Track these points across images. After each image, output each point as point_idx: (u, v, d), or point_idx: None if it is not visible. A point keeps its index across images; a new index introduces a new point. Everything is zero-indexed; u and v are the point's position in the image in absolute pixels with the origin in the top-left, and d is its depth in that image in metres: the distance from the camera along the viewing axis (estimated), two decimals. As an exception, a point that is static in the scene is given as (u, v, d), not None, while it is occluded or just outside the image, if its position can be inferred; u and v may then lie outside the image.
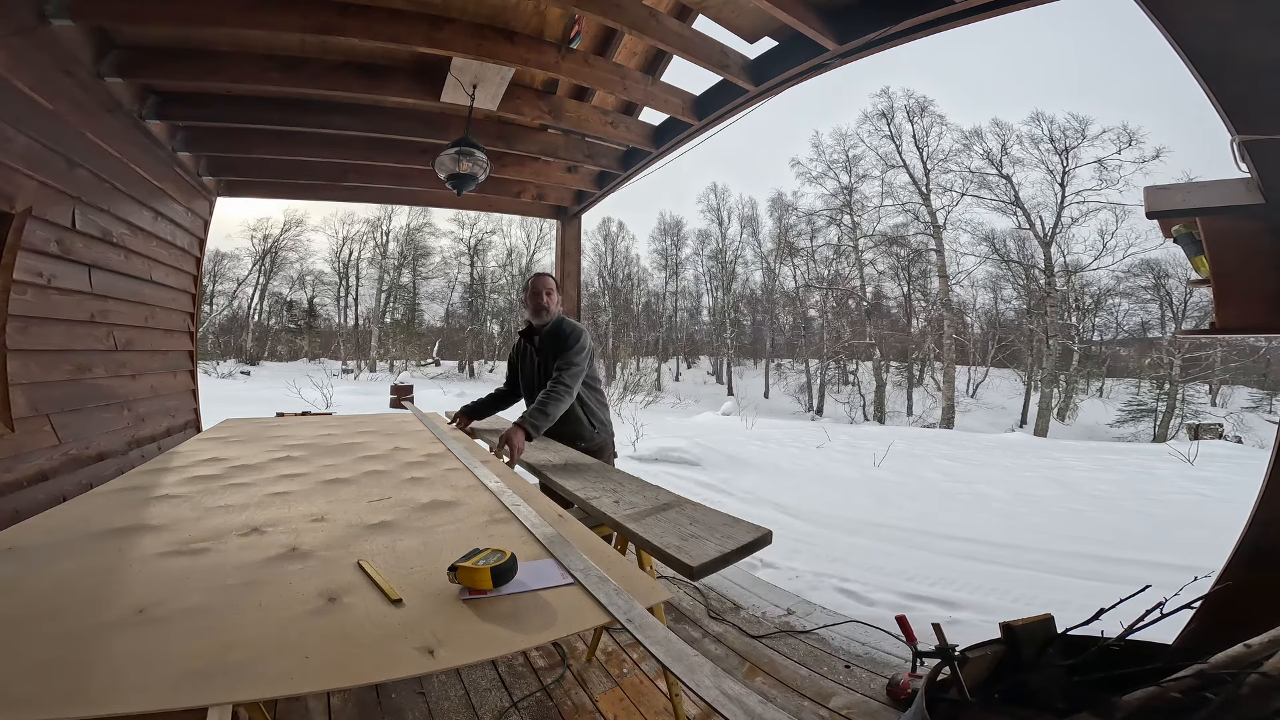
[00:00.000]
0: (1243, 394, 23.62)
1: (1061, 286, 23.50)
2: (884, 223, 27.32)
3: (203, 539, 1.14)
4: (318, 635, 0.80)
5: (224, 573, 0.98)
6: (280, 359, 32.81)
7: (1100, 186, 22.28)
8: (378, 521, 1.27)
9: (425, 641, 0.79)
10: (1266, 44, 1.21)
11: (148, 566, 1.01)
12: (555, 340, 2.46)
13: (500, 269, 35.94)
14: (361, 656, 0.76)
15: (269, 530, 1.20)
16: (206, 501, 1.40)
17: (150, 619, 0.81)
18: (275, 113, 3.05)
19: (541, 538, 1.17)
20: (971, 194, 25.03)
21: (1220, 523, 2.01)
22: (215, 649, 0.75)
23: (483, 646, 0.81)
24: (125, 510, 1.32)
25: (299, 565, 1.03)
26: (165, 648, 0.75)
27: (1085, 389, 25.26)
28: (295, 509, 1.36)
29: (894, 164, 26.59)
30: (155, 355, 3.41)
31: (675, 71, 3.10)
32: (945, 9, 1.98)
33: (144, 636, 0.77)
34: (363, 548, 1.12)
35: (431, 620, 0.84)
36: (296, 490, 1.52)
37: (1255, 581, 1.44)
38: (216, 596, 0.90)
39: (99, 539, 1.13)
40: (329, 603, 0.89)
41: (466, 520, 1.31)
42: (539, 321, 2.54)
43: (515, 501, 1.42)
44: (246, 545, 1.12)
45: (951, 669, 1.20)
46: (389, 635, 0.80)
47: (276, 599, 0.89)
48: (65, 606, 0.85)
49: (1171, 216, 1.64)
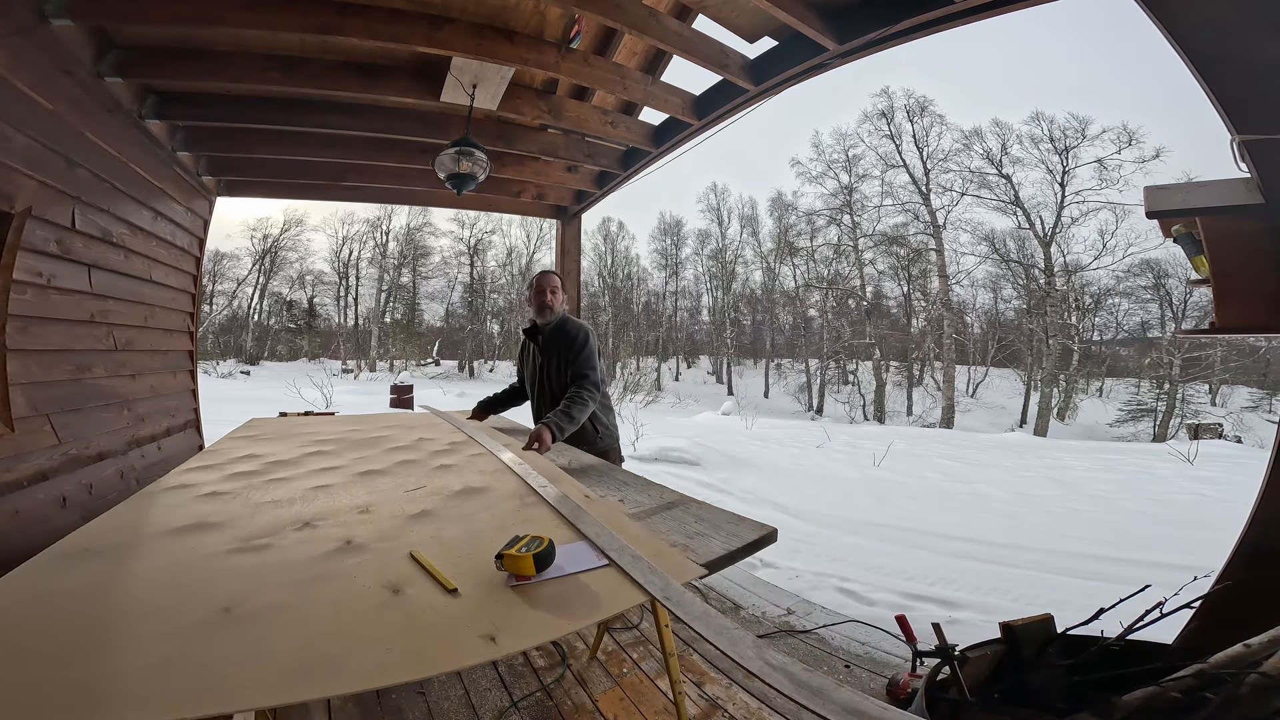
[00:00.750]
0: (1242, 394, 23.61)
1: (1061, 286, 23.49)
2: (884, 222, 27.31)
3: (262, 535, 1.17)
4: (391, 627, 0.83)
5: (291, 568, 1.01)
6: (280, 359, 32.78)
7: (1100, 186, 22.27)
8: (418, 511, 1.32)
9: (486, 629, 0.83)
10: (1266, 44, 1.21)
11: (220, 563, 1.04)
12: (560, 341, 2.43)
13: (500, 269, 35.94)
14: (434, 646, 0.79)
15: (320, 524, 1.24)
16: (254, 497, 1.44)
17: (238, 617, 0.83)
18: (275, 112, 3.05)
19: (572, 519, 1.22)
20: (971, 194, 25.02)
21: (1220, 522, 2.01)
22: (305, 644, 0.77)
23: (538, 631, 0.86)
24: (179, 509, 1.35)
25: (357, 559, 1.06)
26: (261, 645, 0.77)
27: (1085, 389, 25.24)
28: (339, 501, 1.40)
29: (894, 164, 26.57)
30: (155, 355, 3.41)
31: (675, 71, 3.10)
32: (945, 9, 1.98)
33: (239, 634, 0.79)
34: (410, 538, 1.15)
35: (487, 608, 0.88)
36: (336, 483, 1.57)
37: (1255, 581, 1.45)
38: (291, 592, 0.92)
39: (167, 538, 1.16)
40: (393, 595, 0.91)
41: (499, 505, 1.37)
42: (543, 320, 2.50)
43: (542, 483, 1.50)
44: (303, 540, 1.15)
45: (951, 669, 1.20)
46: (453, 624, 0.84)
47: (346, 593, 0.92)
48: (162, 605, 0.87)
49: (1171, 216, 1.64)
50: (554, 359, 2.43)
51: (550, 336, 2.48)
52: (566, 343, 2.40)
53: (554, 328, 2.48)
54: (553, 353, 2.45)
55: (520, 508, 1.35)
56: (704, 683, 1.83)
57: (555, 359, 2.42)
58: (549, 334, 2.48)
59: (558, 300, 2.50)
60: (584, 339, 2.39)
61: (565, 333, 2.43)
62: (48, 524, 2.31)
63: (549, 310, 2.48)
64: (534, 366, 2.56)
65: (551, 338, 2.47)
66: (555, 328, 2.47)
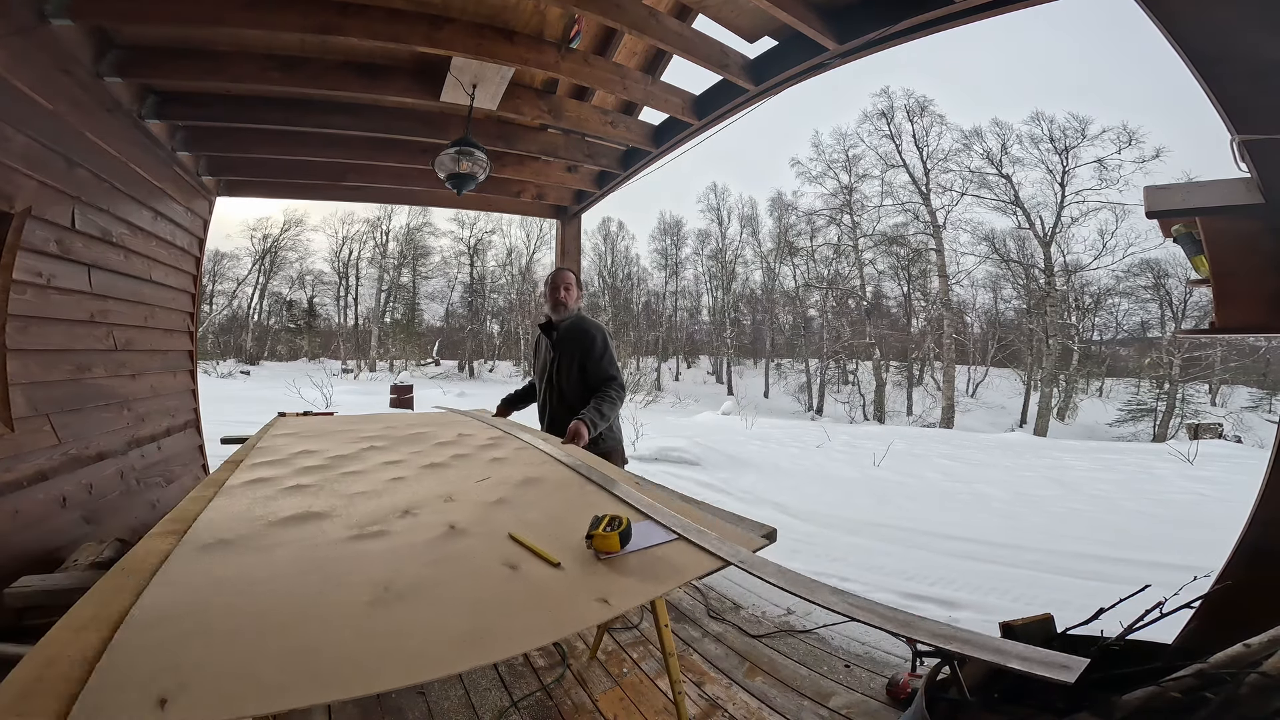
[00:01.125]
0: (1242, 394, 23.60)
1: (1061, 286, 23.49)
2: (884, 222, 27.31)
3: (371, 523, 1.22)
4: (520, 597, 0.92)
5: (416, 551, 1.08)
6: (280, 359, 32.78)
7: (1100, 186, 22.27)
8: (495, 499, 1.40)
9: (596, 594, 0.93)
10: (1266, 44, 1.21)
11: (349, 548, 1.09)
12: (575, 340, 2.44)
13: (500, 269, 35.95)
14: (562, 610, 0.88)
15: (418, 512, 1.30)
16: (340, 488, 1.48)
17: (395, 595, 0.89)
18: (275, 112, 3.04)
19: (633, 503, 1.34)
20: (971, 194, 25.02)
21: (1220, 522, 2.01)
22: (464, 616, 0.85)
23: (639, 592, 0.96)
24: (274, 501, 1.37)
25: (468, 541, 1.14)
26: (428, 618, 0.84)
27: (1085, 389, 25.24)
28: (420, 492, 1.46)
29: (894, 163, 26.56)
30: (155, 355, 3.41)
31: (675, 71, 3.10)
32: (945, 9, 1.98)
33: (406, 610, 0.85)
34: (501, 522, 1.24)
35: (590, 578, 0.99)
36: (407, 475, 1.62)
37: (1255, 581, 1.45)
38: (430, 572, 0.99)
39: (280, 528, 1.19)
40: (511, 571, 1.00)
41: (562, 492, 1.47)
42: (558, 317, 2.53)
43: (593, 472, 1.59)
44: (412, 526, 1.21)
45: (951, 668, 1.19)
46: (568, 591, 0.94)
47: (474, 571, 1.01)
48: (323, 587, 0.92)
49: (1171, 216, 1.64)
50: (567, 356, 2.45)
51: (565, 334, 2.49)
52: (584, 343, 2.41)
53: (569, 325, 2.50)
54: (566, 350, 2.46)
55: (581, 494, 1.44)
56: (704, 683, 1.83)
57: (568, 356, 2.44)
58: (564, 331, 2.50)
59: (572, 297, 2.52)
60: (602, 341, 2.41)
61: (582, 332, 2.45)
62: (47, 524, 2.31)
63: (563, 307, 2.51)
64: (544, 361, 2.57)
65: (566, 335, 2.48)
66: (570, 325, 2.49)
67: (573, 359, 2.43)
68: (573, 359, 2.43)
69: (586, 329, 2.45)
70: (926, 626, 0.82)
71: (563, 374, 2.46)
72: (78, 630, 0.76)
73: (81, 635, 0.75)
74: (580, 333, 2.44)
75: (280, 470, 1.66)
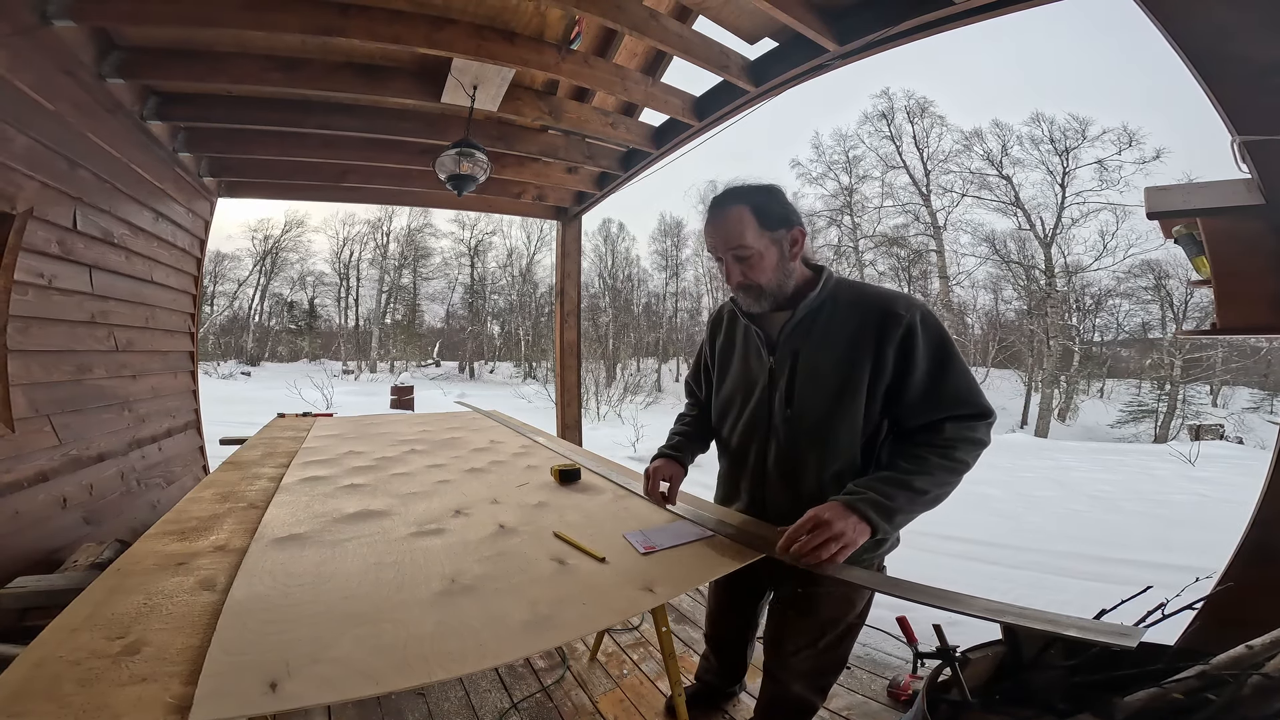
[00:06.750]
0: (1244, 395, 23.57)
1: (1062, 287, 23.47)
2: (884, 223, 27.33)
3: (429, 520, 1.31)
4: (573, 588, 0.97)
5: (475, 546, 1.15)
6: (281, 360, 32.79)
7: (1100, 187, 22.29)
8: (536, 502, 1.48)
9: (642, 584, 0.99)
10: (1266, 44, 1.21)
11: (413, 544, 1.16)
12: (857, 330, 1.16)
13: (500, 270, 35.95)
14: (611, 600, 0.94)
15: (469, 512, 1.38)
16: (392, 489, 1.56)
17: (461, 588, 0.96)
18: (276, 113, 3.05)
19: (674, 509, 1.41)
20: (972, 195, 25.04)
21: (1221, 523, 2.01)
22: (524, 606, 0.90)
23: (683, 581, 1.04)
24: (332, 499, 1.45)
25: (518, 538, 1.21)
26: (493, 608, 0.89)
27: (1086, 390, 25.22)
28: (467, 494, 1.54)
29: (894, 165, 26.62)
30: (156, 356, 3.41)
31: (675, 72, 3.10)
32: (945, 9, 1.98)
33: (471, 601, 0.91)
34: (547, 522, 1.31)
35: (634, 571, 1.05)
36: (453, 479, 1.71)
37: (1257, 582, 1.44)
38: (489, 565, 1.06)
39: (345, 524, 1.27)
40: (560, 565, 1.07)
41: (598, 496, 1.54)
42: (779, 289, 1.21)
43: (612, 475, 1.72)
44: (466, 524, 1.29)
45: (952, 670, 1.19)
46: (616, 582, 1.00)
47: (528, 565, 1.07)
48: (400, 580, 0.98)
49: (1172, 217, 1.64)
50: (818, 361, 1.19)
51: (813, 315, 1.21)
52: (905, 342, 1.12)
53: (830, 298, 1.21)
54: (819, 351, 1.19)
55: (614, 499, 1.51)
56: (704, 684, 1.82)
57: (820, 361, 1.19)
58: (813, 309, 1.21)
59: (798, 252, 1.21)
60: (938, 335, 1.14)
61: (891, 315, 1.12)
62: (48, 525, 2.31)
63: (788, 275, 1.22)
64: (749, 372, 1.31)
65: (827, 320, 1.20)
66: (832, 298, 1.21)
67: (845, 371, 1.16)
68: (845, 371, 1.16)
69: (889, 307, 1.14)
70: (977, 603, 0.88)
71: (802, 398, 1.20)
72: (71, 631, 0.76)
73: (75, 636, 0.75)
74: (881, 315, 1.14)
75: (332, 470, 1.77)
